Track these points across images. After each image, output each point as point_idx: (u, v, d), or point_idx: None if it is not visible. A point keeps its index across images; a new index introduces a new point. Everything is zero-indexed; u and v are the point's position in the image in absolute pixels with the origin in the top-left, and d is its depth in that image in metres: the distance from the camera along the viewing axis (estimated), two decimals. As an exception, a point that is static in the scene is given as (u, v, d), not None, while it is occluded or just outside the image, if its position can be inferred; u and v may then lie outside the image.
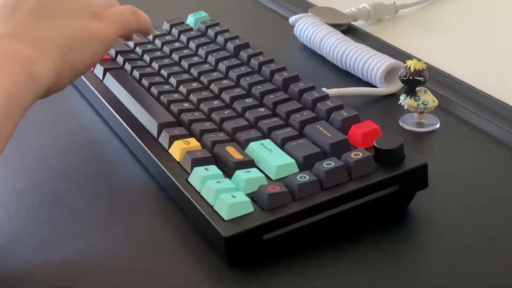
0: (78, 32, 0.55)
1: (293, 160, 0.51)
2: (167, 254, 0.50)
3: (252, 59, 0.67)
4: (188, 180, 0.52)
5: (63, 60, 0.53)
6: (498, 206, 0.53)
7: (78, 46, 0.54)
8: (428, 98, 0.62)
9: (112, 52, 0.71)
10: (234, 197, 0.48)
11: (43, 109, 0.67)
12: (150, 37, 0.75)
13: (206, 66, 0.67)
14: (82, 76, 0.69)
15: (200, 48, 0.70)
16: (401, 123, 0.63)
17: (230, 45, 0.70)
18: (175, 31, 0.75)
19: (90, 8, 0.57)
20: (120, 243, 0.51)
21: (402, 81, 0.62)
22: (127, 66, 0.68)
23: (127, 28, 0.60)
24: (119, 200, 0.56)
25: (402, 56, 0.72)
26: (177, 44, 0.72)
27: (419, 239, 0.50)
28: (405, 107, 0.62)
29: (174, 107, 0.60)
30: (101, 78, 0.68)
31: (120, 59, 0.70)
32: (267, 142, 0.53)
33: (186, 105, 0.60)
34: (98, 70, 0.69)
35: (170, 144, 0.55)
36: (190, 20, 0.77)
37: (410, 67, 0.61)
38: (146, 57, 0.70)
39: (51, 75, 0.51)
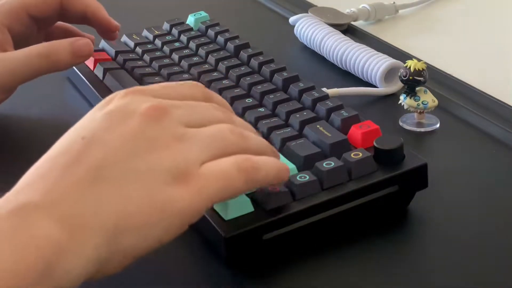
0: (144, 205, 0.39)
1: (293, 166, 0.51)
2: (167, 254, 0.50)
3: (252, 59, 0.67)
4: (188, 180, 0.52)
5: (112, 245, 0.39)
6: (498, 206, 0.53)
7: (139, 225, 0.39)
8: (428, 98, 0.62)
9: (112, 52, 0.71)
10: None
11: (43, 108, 0.67)
12: (150, 37, 0.75)
13: (206, 66, 0.67)
14: (82, 76, 0.69)
15: (200, 48, 0.70)
16: (401, 123, 0.63)
17: (230, 45, 0.70)
18: (175, 31, 0.75)
19: (177, 164, 0.41)
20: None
21: (402, 81, 0.62)
22: (127, 66, 0.68)
23: (227, 194, 0.42)
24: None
25: (402, 56, 0.72)
26: (177, 44, 0.72)
27: (419, 239, 0.50)
28: (405, 107, 0.62)
29: (174, 107, 0.60)
30: (101, 78, 0.68)
31: (120, 59, 0.70)
32: (267, 142, 0.53)
33: (186, 105, 0.60)
34: (98, 70, 0.69)
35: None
36: (190, 20, 0.77)
37: (410, 67, 0.61)
38: (146, 57, 0.70)
39: (87, 267, 0.38)
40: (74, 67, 0.71)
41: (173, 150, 0.41)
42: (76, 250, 0.37)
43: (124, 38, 0.74)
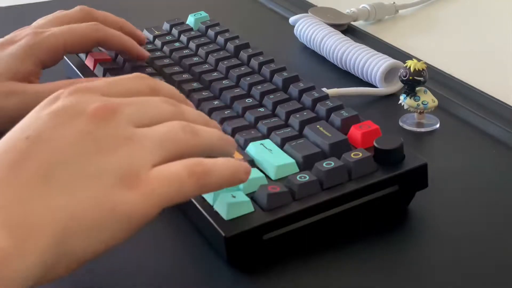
0: (91, 208, 0.38)
1: (293, 160, 0.51)
2: (167, 254, 0.50)
3: (252, 59, 0.67)
4: (188, 180, 0.51)
5: (59, 249, 0.37)
6: (498, 206, 0.53)
7: (86, 229, 0.38)
8: (428, 98, 0.62)
9: (112, 52, 0.71)
10: (234, 197, 0.48)
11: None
12: (150, 37, 0.75)
13: (206, 66, 0.67)
14: (82, 76, 0.69)
15: (200, 48, 0.70)
16: (401, 123, 0.63)
17: (230, 45, 0.70)
18: (175, 31, 0.75)
19: (126, 167, 0.40)
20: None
21: (402, 81, 0.62)
22: (127, 66, 0.68)
23: (176, 198, 0.41)
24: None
25: (402, 56, 0.72)
26: (177, 44, 0.72)
27: (419, 239, 0.50)
28: (405, 107, 0.62)
29: (174, 107, 0.60)
30: (101, 78, 0.68)
31: (120, 59, 0.70)
32: (267, 142, 0.53)
33: (186, 105, 0.60)
34: (98, 70, 0.69)
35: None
36: (190, 20, 0.77)
37: (410, 67, 0.61)
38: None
39: (34, 273, 0.36)
40: (74, 67, 0.71)
41: (122, 153, 0.40)
42: (21, 257, 0.36)
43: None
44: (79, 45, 0.65)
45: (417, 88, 0.62)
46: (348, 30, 0.81)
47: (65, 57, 0.71)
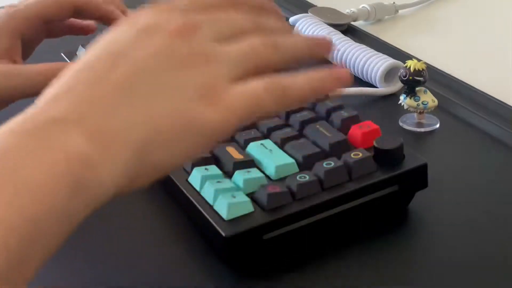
0: (171, 121, 0.39)
1: (293, 160, 0.51)
2: (167, 254, 0.50)
3: (252, 59, 0.66)
4: (188, 180, 0.52)
5: (141, 160, 0.38)
6: (498, 206, 0.53)
7: (167, 141, 0.39)
8: (428, 98, 0.62)
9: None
10: (234, 197, 0.48)
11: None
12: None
13: (206, 66, 0.67)
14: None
15: (200, 48, 0.70)
16: (401, 123, 0.63)
17: (230, 45, 0.70)
18: (175, 31, 0.75)
19: (205, 83, 0.40)
20: (119, 243, 0.51)
21: (402, 81, 0.62)
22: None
23: (254, 114, 0.41)
24: (119, 200, 0.56)
25: (402, 56, 0.72)
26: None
27: (419, 239, 0.50)
28: (405, 107, 0.62)
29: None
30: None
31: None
32: (267, 142, 0.53)
33: (186, 105, 0.60)
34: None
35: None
36: (190, 20, 0.77)
37: (410, 67, 0.61)
38: None
39: (117, 182, 0.38)
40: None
41: (202, 69, 0.40)
42: (107, 165, 0.37)
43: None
44: (56, 11, 0.64)
45: (417, 88, 0.62)
46: (348, 30, 0.81)
47: (62, 54, 0.71)
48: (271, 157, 0.52)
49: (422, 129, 0.62)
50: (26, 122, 0.37)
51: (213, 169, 0.51)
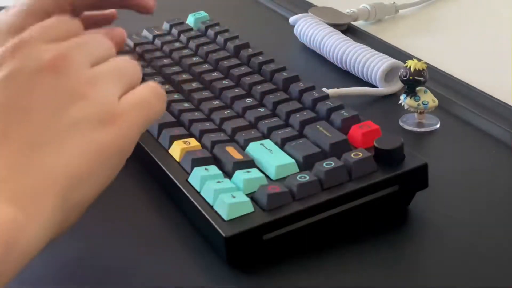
0: (82, 157, 0.40)
1: (293, 160, 0.51)
2: (167, 254, 0.50)
3: (252, 59, 0.67)
4: (188, 180, 0.52)
5: (66, 204, 0.39)
6: (498, 206, 0.53)
7: (85, 178, 0.40)
8: (428, 98, 0.62)
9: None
10: (234, 197, 0.48)
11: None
12: (150, 37, 0.74)
13: (206, 66, 0.67)
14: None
15: (200, 48, 0.70)
16: (401, 123, 0.63)
17: (230, 45, 0.70)
18: (175, 31, 0.75)
19: (100, 107, 0.41)
20: (119, 243, 0.51)
21: (402, 81, 0.62)
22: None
23: (152, 119, 0.44)
24: (119, 200, 0.56)
25: (402, 56, 0.72)
26: (177, 44, 0.72)
27: (419, 239, 0.50)
28: (405, 107, 0.62)
29: (174, 107, 0.60)
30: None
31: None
32: (267, 142, 0.53)
33: (186, 105, 0.60)
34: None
35: (170, 144, 0.55)
36: (190, 20, 0.77)
37: (410, 67, 0.61)
38: (146, 57, 0.70)
39: (48, 233, 0.39)
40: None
41: (91, 96, 0.41)
42: (33, 223, 0.37)
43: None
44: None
45: (417, 88, 0.62)
46: (348, 30, 0.81)
47: None
48: (271, 157, 0.52)
49: (423, 129, 0.62)
50: None
51: (213, 169, 0.51)
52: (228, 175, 0.51)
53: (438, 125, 0.62)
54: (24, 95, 0.40)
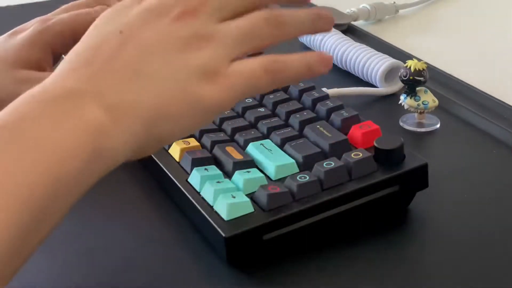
0: (176, 98, 0.43)
1: (293, 160, 0.51)
2: (167, 254, 0.50)
3: (252, 59, 0.66)
4: (188, 180, 0.52)
5: (149, 132, 0.42)
6: (498, 206, 0.53)
7: (172, 116, 0.43)
8: (428, 98, 0.62)
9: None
10: (234, 197, 0.48)
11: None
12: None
13: (206, 66, 0.67)
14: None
15: (200, 48, 0.70)
16: (401, 123, 0.63)
17: (230, 45, 0.69)
18: (175, 31, 0.75)
19: (206, 63, 0.43)
20: (119, 243, 0.51)
21: (402, 81, 0.62)
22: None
23: (252, 92, 0.45)
24: (119, 200, 0.56)
25: (402, 56, 0.72)
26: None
27: (419, 239, 0.50)
28: (405, 107, 0.62)
29: (174, 107, 0.60)
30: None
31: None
32: (267, 142, 0.53)
33: (186, 105, 0.60)
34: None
35: (170, 144, 0.55)
36: (190, 20, 0.77)
37: (410, 67, 0.61)
38: None
39: (127, 151, 0.42)
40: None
41: (204, 50, 0.44)
42: (119, 135, 0.41)
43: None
44: (87, 29, 0.65)
45: (417, 88, 0.62)
46: (348, 30, 0.81)
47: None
48: (271, 157, 0.52)
49: (423, 129, 0.62)
50: (47, 91, 0.41)
51: (213, 169, 0.51)
52: (228, 175, 0.51)
53: (438, 125, 0.62)
54: (146, 29, 0.44)
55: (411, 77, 0.61)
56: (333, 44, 0.73)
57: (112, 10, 0.46)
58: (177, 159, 0.54)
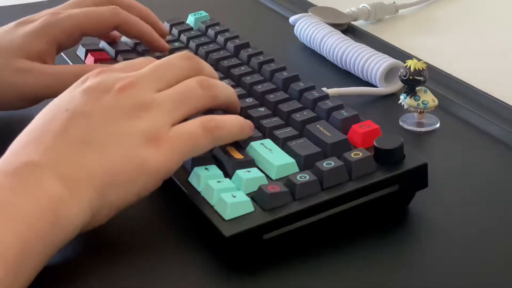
0: (123, 163, 0.46)
1: (293, 160, 0.51)
2: (167, 254, 0.50)
3: (252, 58, 0.67)
4: (188, 180, 0.52)
5: (102, 199, 0.45)
6: (498, 206, 0.53)
7: (122, 182, 0.46)
8: (428, 98, 0.62)
9: (112, 51, 0.71)
10: (234, 196, 0.48)
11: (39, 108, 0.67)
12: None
13: (206, 65, 0.67)
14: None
15: (200, 48, 0.70)
16: (401, 123, 0.63)
17: (230, 45, 0.70)
18: (175, 31, 0.75)
19: (148, 129, 0.47)
20: (119, 243, 0.51)
21: (402, 81, 0.62)
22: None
23: (194, 151, 0.49)
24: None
25: (402, 56, 0.72)
26: (177, 44, 0.72)
27: (419, 239, 0.50)
28: (405, 107, 0.62)
29: (174, 107, 0.60)
30: (101, 78, 0.68)
31: (120, 58, 0.70)
32: (267, 141, 0.53)
33: (186, 104, 0.60)
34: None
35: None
36: (190, 19, 0.77)
37: (410, 67, 0.61)
38: (147, 57, 0.70)
39: (84, 218, 0.45)
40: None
41: (145, 117, 0.48)
42: (75, 203, 0.44)
43: (124, 38, 0.74)
44: (97, 27, 0.66)
45: (417, 88, 0.62)
46: (348, 30, 0.81)
47: (63, 54, 0.72)
48: (271, 157, 0.52)
49: (423, 129, 0.62)
50: (6, 164, 0.45)
51: (213, 169, 0.51)
52: (228, 174, 0.51)
53: (438, 125, 0.62)
54: (91, 104, 0.48)
55: (410, 77, 0.61)
56: (333, 44, 0.73)
57: (62, 93, 0.50)
58: (177, 159, 0.54)
